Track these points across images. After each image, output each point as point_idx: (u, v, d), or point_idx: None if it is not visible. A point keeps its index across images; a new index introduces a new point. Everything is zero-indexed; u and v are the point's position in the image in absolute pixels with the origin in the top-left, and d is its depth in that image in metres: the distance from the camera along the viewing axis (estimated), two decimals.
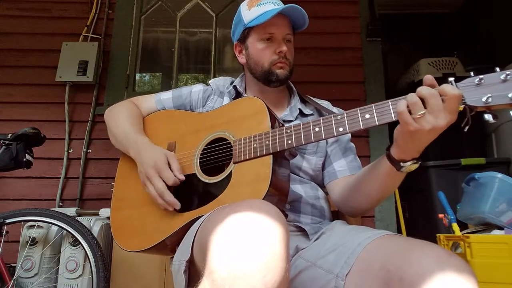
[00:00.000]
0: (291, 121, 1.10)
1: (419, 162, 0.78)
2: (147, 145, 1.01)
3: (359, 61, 2.59)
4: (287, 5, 1.03)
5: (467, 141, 2.55)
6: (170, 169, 0.93)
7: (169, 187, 0.95)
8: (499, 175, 1.68)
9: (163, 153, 0.96)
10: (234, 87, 1.16)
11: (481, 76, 0.67)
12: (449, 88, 0.67)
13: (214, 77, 2.65)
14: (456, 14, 3.65)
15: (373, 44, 2.61)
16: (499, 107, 0.66)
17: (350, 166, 1.06)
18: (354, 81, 2.56)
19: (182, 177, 0.93)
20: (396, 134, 0.76)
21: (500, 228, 1.64)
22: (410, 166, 0.78)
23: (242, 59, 1.15)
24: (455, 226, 1.70)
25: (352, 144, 1.13)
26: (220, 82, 1.20)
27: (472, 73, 0.69)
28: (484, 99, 0.66)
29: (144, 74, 3.09)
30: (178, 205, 0.91)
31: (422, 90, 0.69)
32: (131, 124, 1.08)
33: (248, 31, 1.10)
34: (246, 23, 1.08)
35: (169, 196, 0.91)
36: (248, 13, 1.08)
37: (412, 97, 0.70)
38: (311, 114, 1.14)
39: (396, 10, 3.53)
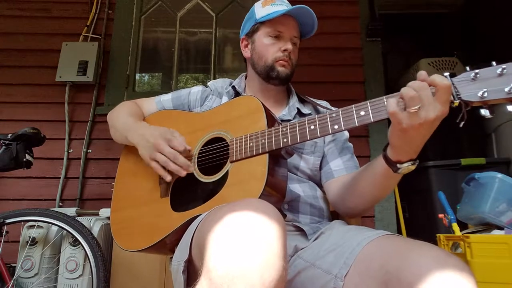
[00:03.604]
0: (289, 120, 1.10)
1: (416, 164, 0.77)
2: (148, 126, 1.05)
3: (359, 61, 2.59)
4: (300, 6, 1.06)
5: (467, 141, 2.55)
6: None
7: (168, 186, 0.97)
8: (499, 175, 1.68)
9: (166, 128, 1.00)
10: (233, 87, 1.17)
11: (477, 71, 0.66)
12: (439, 78, 0.66)
13: (214, 77, 2.67)
14: (456, 14, 3.64)
15: (373, 44, 2.61)
16: (495, 102, 0.65)
17: (346, 165, 1.06)
18: (354, 81, 2.56)
19: (189, 147, 0.96)
20: (390, 135, 0.75)
21: (500, 228, 1.64)
22: (407, 168, 0.76)
23: (246, 53, 1.17)
24: (455, 226, 1.70)
25: (350, 144, 1.13)
26: (219, 84, 1.22)
27: (468, 68, 0.67)
28: (480, 94, 0.64)
29: (144, 74, 3.09)
30: (191, 167, 0.95)
31: (412, 83, 0.68)
32: (131, 116, 1.11)
33: (258, 26, 1.12)
34: (258, 18, 1.11)
35: (183, 159, 0.94)
36: (261, 10, 1.11)
37: (407, 91, 0.68)
38: (309, 114, 1.14)
39: (396, 10, 3.52)
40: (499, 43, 3.02)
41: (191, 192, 0.94)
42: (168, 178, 0.96)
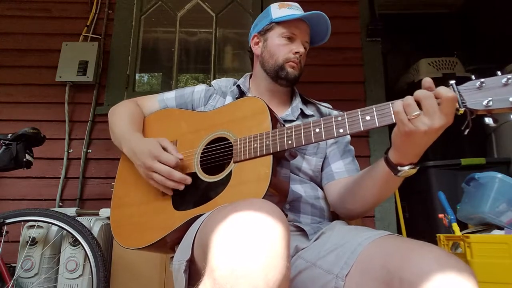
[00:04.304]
0: (292, 120, 1.11)
1: (417, 168, 0.78)
2: (138, 140, 1.03)
3: (359, 61, 2.59)
4: (317, 12, 1.08)
5: (467, 141, 2.55)
6: (167, 152, 0.95)
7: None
8: (499, 175, 1.68)
9: (155, 141, 0.98)
10: (238, 86, 1.18)
11: (482, 80, 0.67)
12: (444, 90, 0.67)
13: (214, 77, 2.67)
14: (456, 14, 3.65)
15: (373, 44, 2.62)
16: (499, 111, 0.66)
17: (347, 168, 1.06)
18: (354, 81, 2.56)
19: (181, 156, 0.95)
20: (393, 136, 0.76)
21: (500, 228, 1.64)
22: (407, 171, 0.77)
23: (257, 50, 1.18)
24: (455, 226, 1.70)
25: (351, 147, 1.14)
26: (223, 83, 1.22)
27: (473, 76, 0.69)
28: (484, 102, 0.66)
29: (144, 74, 3.09)
30: (189, 180, 0.93)
31: (418, 92, 0.70)
32: (129, 123, 1.09)
33: (273, 26, 1.13)
34: (274, 18, 1.12)
35: (178, 174, 0.92)
36: (278, 11, 1.13)
37: (407, 98, 0.71)
38: (312, 115, 1.15)
39: (396, 10, 3.53)
40: (499, 43, 3.03)
41: (193, 191, 0.94)
42: (170, 193, 0.95)
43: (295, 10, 1.13)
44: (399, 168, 0.78)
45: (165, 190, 0.95)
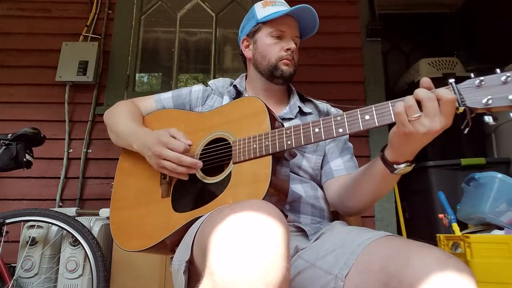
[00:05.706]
0: (291, 118, 1.11)
1: (413, 165, 0.78)
2: (148, 132, 1.02)
3: (359, 61, 2.59)
4: (302, 5, 1.07)
5: (467, 141, 2.55)
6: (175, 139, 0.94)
7: (169, 186, 0.97)
8: (499, 175, 1.68)
9: (163, 130, 0.97)
10: (234, 86, 1.17)
11: (482, 78, 0.67)
12: (444, 92, 0.67)
13: (214, 77, 2.67)
14: (456, 14, 3.65)
15: (373, 44, 2.61)
16: (499, 109, 0.66)
17: (346, 165, 1.07)
18: (354, 81, 2.56)
19: (189, 142, 0.94)
20: (391, 136, 0.76)
21: (500, 228, 1.64)
22: (403, 169, 0.78)
23: (248, 53, 1.17)
24: (455, 226, 1.70)
25: (350, 144, 1.14)
26: (220, 83, 1.22)
27: (472, 75, 0.69)
28: (484, 101, 0.65)
29: (144, 74, 3.09)
30: (200, 164, 0.92)
31: (420, 92, 0.69)
32: (131, 120, 1.09)
33: (260, 26, 1.13)
34: (259, 18, 1.11)
35: (188, 158, 0.91)
36: (262, 11, 1.12)
37: (408, 99, 0.70)
38: (310, 113, 1.15)
39: (396, 10, 3.53)
40: (499, 43, 3.02)
41: (193, 193, 0.94)
42: (186, 178, 0.94)
43: (280, 6, 1.12)
44: (395, 166, 0.78)
45: (180, 176, 0.94)
